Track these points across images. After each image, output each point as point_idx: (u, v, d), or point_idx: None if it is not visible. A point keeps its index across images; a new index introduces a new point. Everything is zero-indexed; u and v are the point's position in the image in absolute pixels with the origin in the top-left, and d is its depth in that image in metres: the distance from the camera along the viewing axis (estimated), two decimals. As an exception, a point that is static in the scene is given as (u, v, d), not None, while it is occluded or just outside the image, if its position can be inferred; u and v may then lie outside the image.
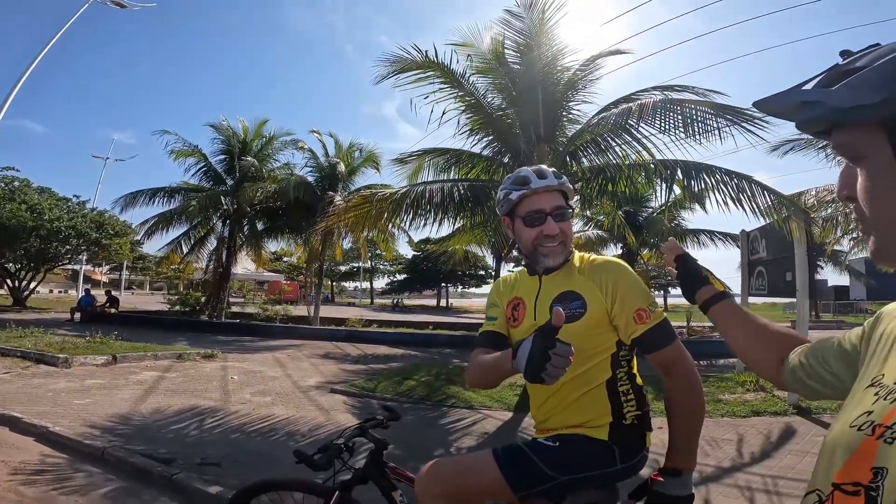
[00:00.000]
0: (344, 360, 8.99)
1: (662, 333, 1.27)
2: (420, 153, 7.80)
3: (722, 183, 5.51)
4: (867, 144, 0.52)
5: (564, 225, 1.35)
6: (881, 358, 0.59)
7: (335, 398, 5.73)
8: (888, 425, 0.49)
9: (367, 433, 1.60)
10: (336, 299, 50.74)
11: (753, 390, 6.05)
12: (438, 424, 4.76)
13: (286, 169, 17.28)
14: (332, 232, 14.02)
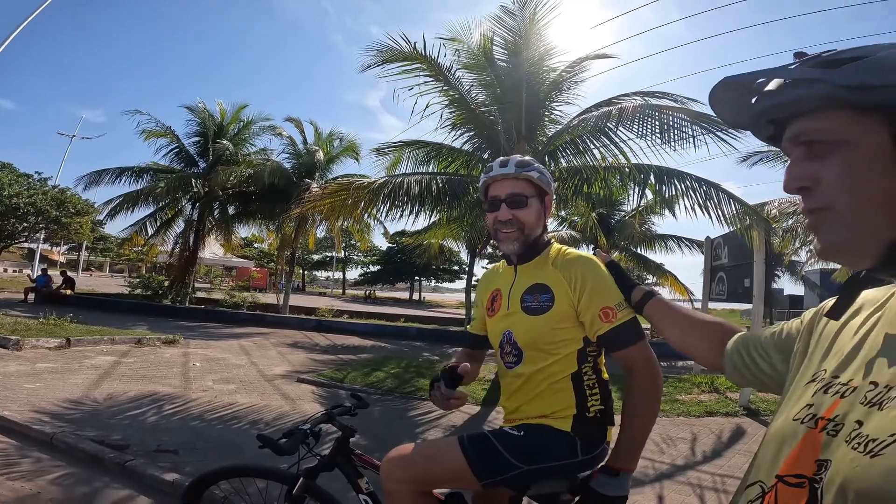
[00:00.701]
0: (313, 350, 8.87)
1: (628, 333, 1.27)
2: (400, 145, 7.74)
3: (692, 189, 5.69)
4: (851, 130, 0.51)
5: (521, 212, 1.35)
6: (821, 353, 0.61)
7: (302, 387, 5.65)
8: (830, 418, 0.50)
9: (334, 420, 1.58)
10: (307, 288, 49.97)
11: (708, 391, 6.30)
12: (407, 416, 4.76)
13: (262, 154, 16.85)
14: (306, 219, 13.80)
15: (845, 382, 0.53)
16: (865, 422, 0.47)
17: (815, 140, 0.53)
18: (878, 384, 0.49)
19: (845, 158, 0.51)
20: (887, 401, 0.46)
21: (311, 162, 15.73)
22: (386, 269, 43.57)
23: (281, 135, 16.35)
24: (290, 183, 14.53)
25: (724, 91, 0.59)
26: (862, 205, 0.50)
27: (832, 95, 0.50)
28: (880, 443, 0.43)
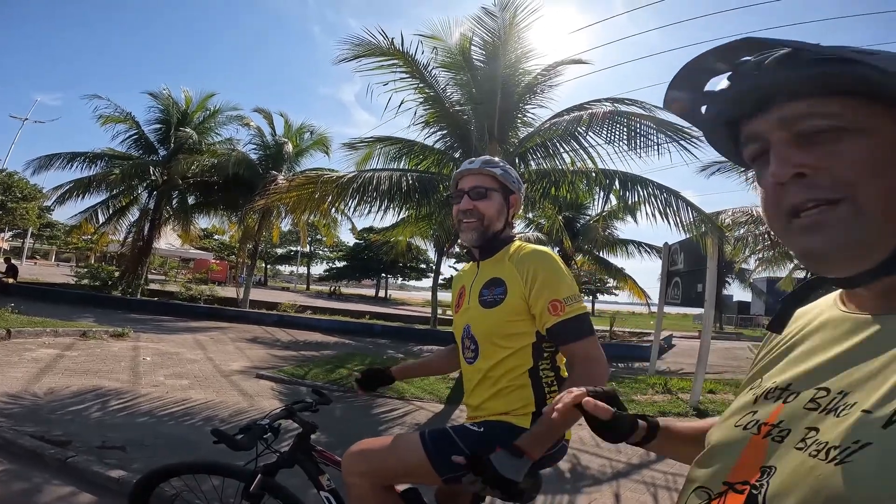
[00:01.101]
0: (273, 346, 8.64)
1: (575, 328, 1.26)
2: (372, 140, 7.67)
3: (653, 196, 5.90)
4: (868, 118, 0.47)
5: (481, 203, 1.40)
6: (765, 363, 0.62)
7: (261, 384, 5.49)
8: (774, 424, 0.50)
9: (294, 415, 1.55)
10: (269, 283, 48.65)
11: (662, 392, 6.53)
12: (370, 414, 4.71)
13: (228, 144, 16.26)
14: (270, 211, 13.43)
15: (785, 388, 0.54)
16: (821, 428, 0.46)
17: (833, 125, 0.47)
18: (829, 391, 0.48)
19: (866, 146, 0.46)
20: (843, 407, 0.46)
21: (279, 154, 15.31)
22: (352, 265, 43.03)
23: (249, 125, 15.85)
24: (255, 174, 14.10)
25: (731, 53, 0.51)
26: (886, 198, 0.46)
27: (871, 80, 0.45)
28: (845, 450, 0.42)
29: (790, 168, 0.48)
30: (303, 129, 16.45)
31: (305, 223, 16.07)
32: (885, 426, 0.41)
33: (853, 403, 0.45)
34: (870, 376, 0.46)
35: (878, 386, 0.44)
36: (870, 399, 0.44)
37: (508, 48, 6.50)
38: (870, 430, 0.41)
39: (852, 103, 0.47)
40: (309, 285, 49.27)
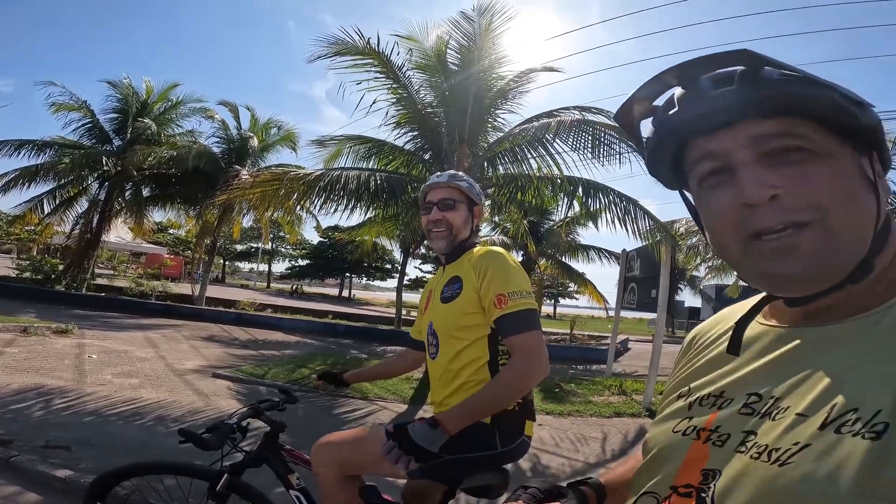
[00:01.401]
0: (231, 345, 8.38)
1: (516, 322, 1.31)
2: (342, 138, 7.60)
3: (613, 203, 6.15)
4: (830, 144, 0.48)
5: (449, 214, 1.51)
6: (689, 371, 0.64)
7: (217, 383, 5.34)
8: (711, 429, 0.52)
9: (261, 414, 1.55)
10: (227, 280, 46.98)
11: (617, 393, 6.78)
12: (332, 414, 4.67)
13: (189, 136, 15.60)
14: (232, 207, 12.99)
15: (719, 395, 0.55)
16: (759, 432, 0.47)
17: (800, 147, 0.47)
18: (762, 396, 0.50)
19: (831, 170, 0.47)
20: (777, 411, 0.47)
21: (243, 148, 14.83)
22: (315, 263, 42.17)
23: (213, 118, 15.23)
24: (217, 168, 13.61)
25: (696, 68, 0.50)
26: (856, 221, 0.47)
27: (831, 103, 0.46)
28: (785, 451, 0.43)
29: (766, 190, 0.46)
30: (270, 123, 16.00)
31: (268, 220, 15.66)
32: (822, 428, 0.42)
33: (787, 408, 0.47)
34: (799, 382, 0.48)
35: (809, 391, 0.46)
36: (802, 403, 0.46)
37: (483, 53, 6.59)
38: (807, 432, 0.43)
39: (817, 127, 0.47)
40: (270, 283, 47.93)
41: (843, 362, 0.46)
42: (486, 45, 6.57)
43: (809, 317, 0.52)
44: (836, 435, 0.41)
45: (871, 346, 0.45)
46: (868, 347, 0.45)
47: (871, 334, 0.46)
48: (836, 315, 0.50)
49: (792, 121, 0.47)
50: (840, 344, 0.48)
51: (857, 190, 0.47)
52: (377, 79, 6.44)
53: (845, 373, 0.45)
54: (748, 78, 0.48)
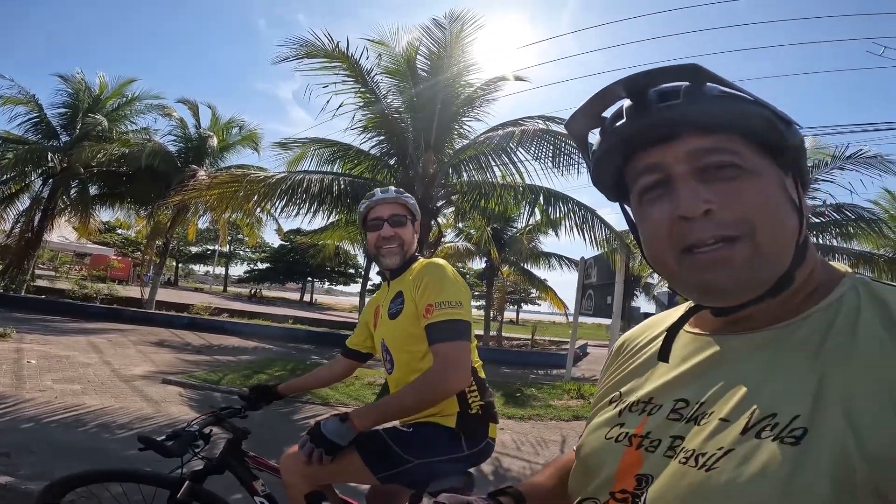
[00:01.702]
0: (183, 350, 8.05)
1: (439, 331, 1.33)
2: (306, 141, 7.50)
3: (572, 212, 6.35)
4: (757, 161, 0.49)
5: (400, 230, 1.53)
6: (618, 378, 0.64)
7: (168, 389, 5.12)
8: (643, 434, 0.53)
9: (223, 421, 1.52)
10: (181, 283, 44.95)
11: (576, 397, 6.94)
12: (291, 420, 4.58)
13: (143, 133, 14.89)
14: (187, 208, 12.50)
15: (648, 401, 0.56)
16: (686, 437, 0.48)
17: (730, 163, 0.48)
18: (688, 402, 0.51)
19: (760, 187, 0.48)
20: (702, 416, 0.48)
21: (201, 147, 14.28)
22: (276, 267, 41.00)
23: (170, 116, 14.59)
24: (173, 167, 13.06)
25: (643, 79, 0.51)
26: (780, 237, 0.48)
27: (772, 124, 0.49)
28: (711, 456, 0.44)
29: (701, 204, 0.47)
30: (232, 123, 15.49)
31: (226, 222, 15.15)
32: (743, 433, 0.44)
33: (711, 413, 0.48)
34: (722, 389, 0.49)
35: (731, 397, 0.48)
36: (725, 408, 0.47)
37: (453, 60, 6.65)
38: (730, 437, 0.44)
39: (749, 145, 0.49)
40: (227, 287, 46.20)
41: (762, 369, 0.48)
42: (456, 52, 6.64)
43: (731, 325, 0.54)
44: (757, 440, 0.43)
45: (786, 354, 0.47)
46: (784, 356, 0.47)
47: (786, 343, 0.48)
48: (756, 324, 0.52)
49: (728, 137, 0.49)
50: (759, 352, 0.50)
51: (782, 207, 0.49)
52: (345, 82, 6.42)
53: (764, 380, 0.47)
54: (692, 93, 0.49)
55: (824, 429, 0.40)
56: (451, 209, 8.95)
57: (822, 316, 0.48)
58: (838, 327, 0.46)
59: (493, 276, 15.73)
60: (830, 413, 0.41)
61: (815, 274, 0.52)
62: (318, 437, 1.25)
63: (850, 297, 0.48)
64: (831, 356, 0.44)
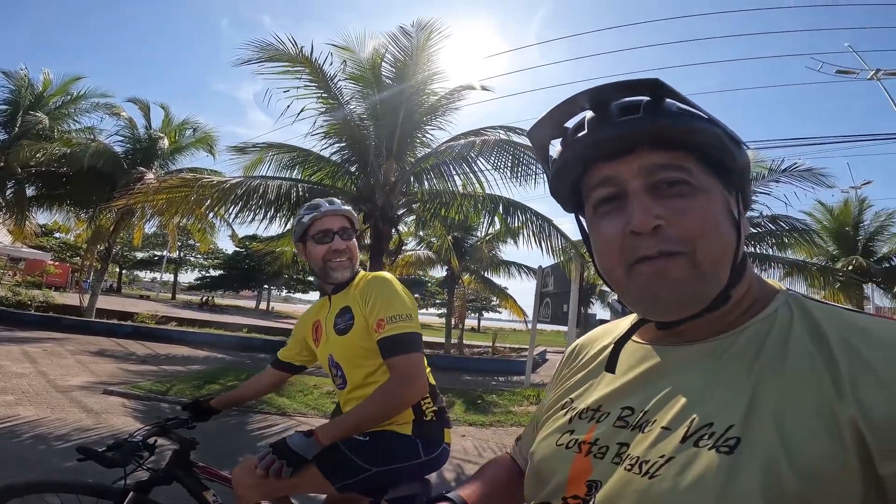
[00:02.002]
0: (126, 360, 7.63)
1: (394, 344, 1.35)
2: (265, 145, 7.31)
3: (530, 221, 6.52)
4: (705, 180, 0.51)
5: (350, 243, 1.52)
6: (568, 385, 0.66)
7: (110, 400, 4.86)
8: (591, 441, 0.54)
9: (169, 432, 1.49)
10: (125, 290, 42.40)
11: (535, 403, 7.12)
12: (246, 430, 4.46)
13: (87, 133, 14.05)
14: (132, 212, 11.87)
15: (596, 409, 0.57)
16: (631, 444, 0.50)
17: (680, 179, 0.50)
18: (634, 409, 0.53)
19: (706, 205, 0.49)
20: (646, 424, 0.50)
21: (151, 149, 13.62)
22: (231, 274, 39.44)
23: (119, 115, 13.86)
24: (118, 169, 12.40)
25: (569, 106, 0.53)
26: (719, 254, 0.49)
27: (722, 143, 0.50)
28: (653, 464, 0.46)
29: (652, 220, 0.48)
30: (185, 124, 14.86)
31: (176, 227, 14.48)
32: (683, 441, 0.45)
33: (654, 420, 0.50)
34: (664, 398, 0.51)
35: (672, 406, 0.49)
36: (667, 417, 0.49)
37: (419, 68, 6.65)
38: (671, 445, 0.46)
39: (700, 162, 0.50)
40: (175, 294, 43.99)
41: (702, 380, 0.50)
42: (422, 60, 6.65)
43: (674, 336, 0.56)
44: (695, 448, 0.44)
45: (724, 365, 0.49)
46: (722, 367, 0.49)
47: (725, 355, 0.50)
48: (697, 336, 0.54)
49: (682, 154, 0.50)
50: (699, 363, 0.51)
51: (723, 226, 0.50)
52: (308, 87, 6.32)
53: (703, 390, 0.49)
54: (651, 109, 0.49)
55: (756, 439, 0.42)
56: (412, 217, 8.97)
57: (758, 329, 0.50)
58: (771, 341, 0.48)
59: (454, 285, 15.83)
60: (763, 424, 0.43)
61: (751, 289, 0.54)
62: (283, 450, 1.25)
63: (784, 312, 0.50)
64: (764, 369, 0.46)
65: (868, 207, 14.01)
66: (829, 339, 0.45)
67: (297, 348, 1.70)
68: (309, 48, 6.10)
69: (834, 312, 0.48)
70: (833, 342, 0.45)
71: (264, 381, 1.74)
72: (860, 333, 0.44)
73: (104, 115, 14.18)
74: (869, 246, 13.81)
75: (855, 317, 0.47)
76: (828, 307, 0.50)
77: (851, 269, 11.75)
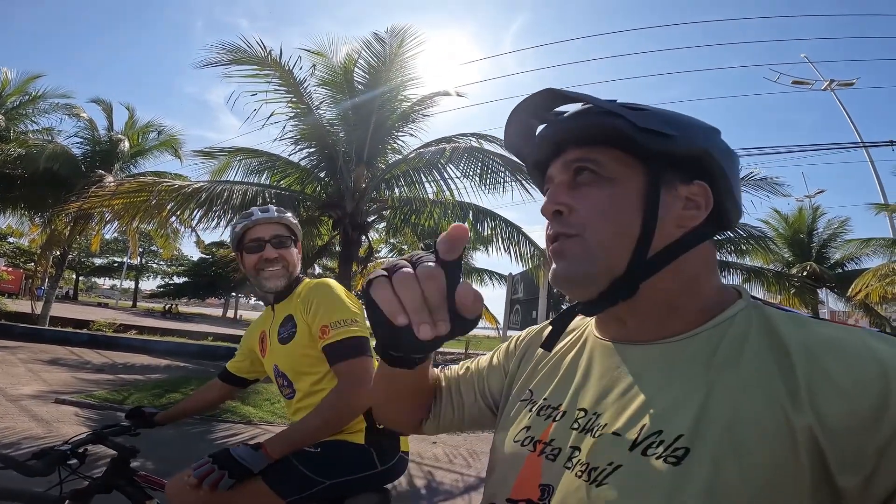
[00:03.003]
0: (81, 368, 7.30)
1: (338, 351, 1.31)
2: (232, 150, 7.18)
3: (500, 228, 6.61)
4: (618, 170, 0.52)
5: (284, 251, 1.46)
6: (533, 376, 0.63)
7: (62, 409, 4.65)
8: (547, 441, 0.52)
9: (105, 440, 1.44)
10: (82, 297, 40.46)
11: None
12: (208, 439, 4.33)
13: (45, 134, 13.44)
14: (89, 216, 11.41)
15: (556, 406, 0.55)
16: (582, 448, 0.48)
17: (587, 169, 0.53)
18: (586, 411, 0.51)
19: (609, 194, 0.52)
20: (597, 428, 0.48)
21: (111, 151, 13.13)
22: (196, 281, 38.15)
23: (79, 116, 13.31)
24: (76, 172, 11.91)
25: (542, 100, 0.56)
26: (609, 239, 0.51)
27: (625, 132, 0.51)
28: (602, 471, 0.44)
29: (551, 205, 0.54)
30: (150, 126, 14.34)
31: (136, 232, 13.97)
32: (632, 449, 0.44)
33: (604, 424, 0.48)
34: (616, 399, 0.49)
35: (624, 408, 0.48)
36: (618, 421, 0.47)
37: (392, 74, 6.65)
38: (619, 452, 0.44)
39: (614, 154, 0.52)
40: (136, 302, 42.26)
41: (654, 382, 0.48)
42: (396, 66, 6.65)
43: (630, 334, 0.54)
44: (643, 457, 0.43)
45: (677, 368, 0.48)
46: (675, 370, 0.48)
47: (678, 357, 0.49)
48: (647, 336, 0.52)
49: (590, 149, 0.53)
50: (652, 364, 0.50)
51: (621, 212, 0.51)
52: (277, 91, 6.26)
53: (655, 393, 0.47)
54: (574, 113, 0.55)
55: (704, 449, 0.41)
56: (382, 224, 8.94)
57: (713, 333, 0.49)
58: (726, 346, 0.47)
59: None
60: (712, 432, 0.41)
61: (707, 292, 0.53)
62: (225, 459, 1.18)
63: (742, 317, 0.49)
64: (718, 374, 0.45)
65: (821, 215, 14.58)
66: (787, 346, 0.44)
67: (247, 361, 1.66)
68: (278, 51, 6.05)
69: (795, 320, 0.47)
70: (792, 349, 0.43)
71: (211, 394, 1.68)
72: (822, 342, 0.43)
73: (64, 115, 13.58)
74: (822, 252, 14.36)
75: (817, 324, 0.46)
76: (789, 314, 0.48)
77: (806, 275, 12.18)
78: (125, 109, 14.07)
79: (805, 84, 11.16)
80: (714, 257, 0.56)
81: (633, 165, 0.52)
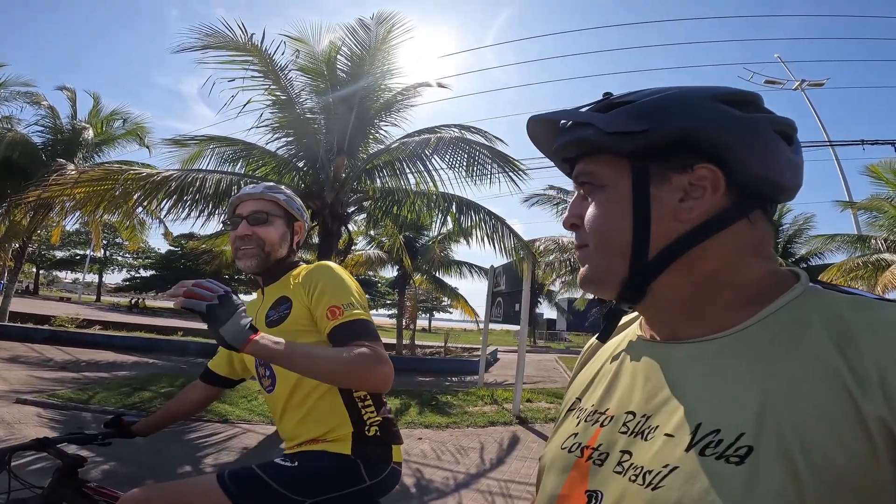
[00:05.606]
0: (43, 366, 6.93)
1: (348, 331, 1.20)
2: (204, 138, 6.86)
3: (483, 221, 6.55)
4: (608, 175, 0.53)
5: (261, 229, 1.34)
6: (583, 382, 0.63)
7: (24, 410, 4.38)
8: (595, 447, 0.51)
9: (49, 447, 1.30)
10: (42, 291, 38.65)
11: (490, 403, 7.05)
12: (184, 440, 4.14)
13: (5, 122, 12.65)
14: (50, 206, 10.81)
15: (602, 411, 0.54)
16: (634, 452, 0.47)
17: (586, 182, 0.55)
18: (635, 414, 0.50)
19: (600, 201, 0.53)
20: (649, 430, 0.47)
21: (74, 140, 12.48)
22: (163, 274, 36.99)
23: (40, 104, 12.60)
24: (36, 161, 11.33)
25: (535, 126, 0.60)
26: (604, 245, 0.53)
27: (596, 140, 0.52)
28: (657, 474, 0.43)
29: (566, 221, 0.58)
30: (115, 114, 13.67)
31: (99, 223, 13.33)
32: (687, 450, 0.43)
33: (656, 427, 0.47)
34: (666, 400, 0.48)
35: (675, 410, 0.46)
36: (670, 423, 0.46)
37: (376, 63, 6.49)
38: (674, 453, 0.43)
39: (604, 160, 0.53)
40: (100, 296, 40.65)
41: (704, 382, 0.46)
42: (380, 55, 6.49)
43: (674, 332, 0.53)
44: (702, 458, 0.41)
45: (729, 366, 0.46)
46: (728, 368, 0.46)
47: (729, 353, 0.47)
48: (693, 333, 0.51)
49: (588, 160, 0.55)
50: (702, 362, 0.48)
51: (611, 218, 0.52)
52: (255, 78, 6.00)
53: (708, 392, 0.45)
54: (562, 132, 0.58)
55: (770, 447, 0.39)
56: (363, 216, 8.76)
57: (766, 323, 0.46)
58: (783, 336, 0.44)
59: (406, 285, 15.70)
60: (777, 430, 0.39)
61: (752, 282, 0.50)
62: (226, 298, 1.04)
63: (798, 303, 0.46)
64: (775, 368, 0.43)
65: (787, 212, 15.03)
66: (852, 332, 0.41)
67: (229, 359, 1.50)
68: (259, 36, 5.79)
69: (860, 302, 0.44)
70: (858, 335, 0.40)
71: (193, 397, 1.52)
72: (893, 325, 0.40)
73: (25, 104, 12.79)
74: (788, 248, 14.89)
75: (886, 307, 0.43)
76: (853, 297, 0.45)
77: (772, 270, 12.71)
78: (90, 97, 13.38)
79: (777, 84, 11.49)
80: (760, 239, 0.51)
81: (621, 168, 0.52)
